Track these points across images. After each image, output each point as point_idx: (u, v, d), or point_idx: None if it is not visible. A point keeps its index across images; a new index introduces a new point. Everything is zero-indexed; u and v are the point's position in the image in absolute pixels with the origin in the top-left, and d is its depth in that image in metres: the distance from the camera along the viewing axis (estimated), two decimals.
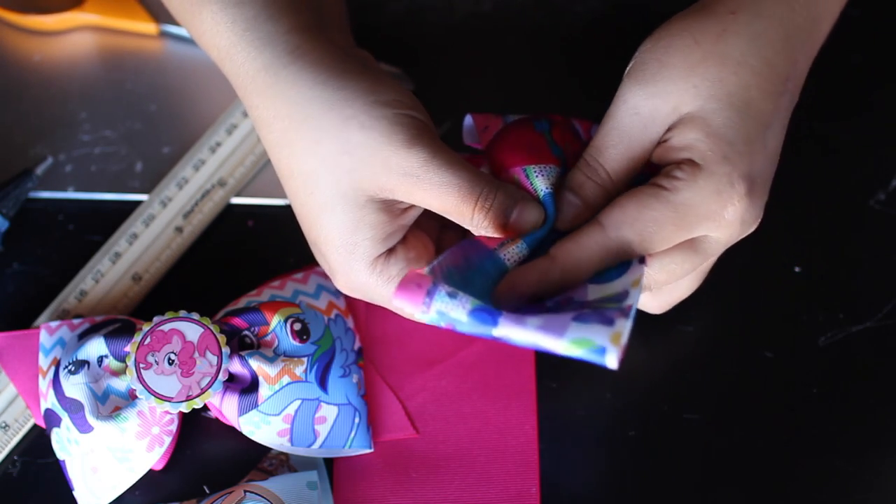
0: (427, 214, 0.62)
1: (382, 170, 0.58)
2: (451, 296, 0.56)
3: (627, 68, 0.61)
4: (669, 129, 0.60)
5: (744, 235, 0.60)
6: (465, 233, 0.63)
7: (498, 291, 0.58)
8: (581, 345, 0.54)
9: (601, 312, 0.55)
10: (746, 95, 0.59)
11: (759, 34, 0.60)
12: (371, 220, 0.59)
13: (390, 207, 0.59)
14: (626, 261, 0.59)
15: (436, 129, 0.60)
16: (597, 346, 0.54)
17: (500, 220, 0.59)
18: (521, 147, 0.63)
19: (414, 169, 0.58)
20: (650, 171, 0.62)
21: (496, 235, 0.59)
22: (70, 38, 0.78)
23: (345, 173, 0.58)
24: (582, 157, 0.61)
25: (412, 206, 0.60)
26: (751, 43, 0.59)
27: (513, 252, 0.59)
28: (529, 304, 0.58)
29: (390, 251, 0.60)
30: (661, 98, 0.59)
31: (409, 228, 0.61)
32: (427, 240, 0.62)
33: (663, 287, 0.62)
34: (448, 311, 0.56)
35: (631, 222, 0.58)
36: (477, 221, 0.59)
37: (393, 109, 0.59)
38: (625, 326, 0.54)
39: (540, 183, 0.61)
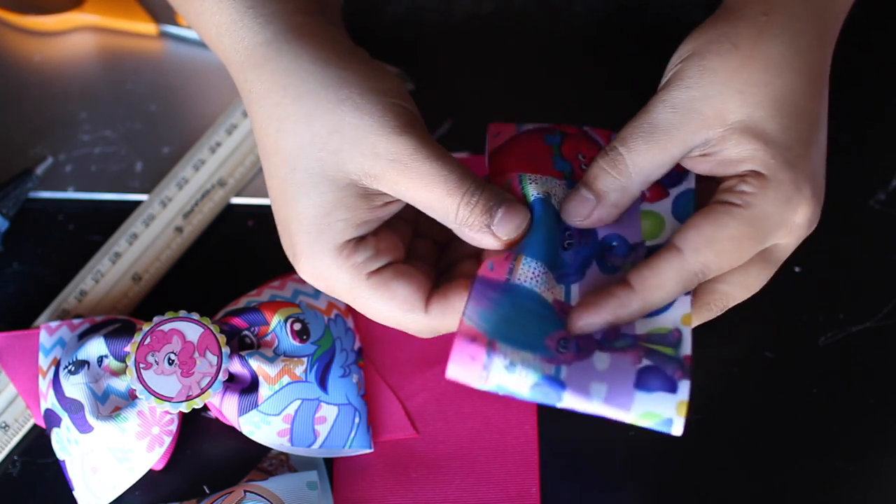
0: (401, 218, 0.61)
1: (370, 154, 0.58)
2: (510, 368, 0.55)
3: (665, 78, 0.60)
4: (719, 143, 0.59)
5: (807, 235, 0.60)
6: (438, 243, 0.62)
7: (574, 315, 0.58)
8: (648, 418, 0.55)
9: (661, 370, 0.55)
10: (793, 98, 0.58)
11: (796, 34, 0.59)
12: (349, 203, 0.58)
13: (370, 196, 0.59)
14: None
15: (426, 127, 0.60)
16: (664, 418, 0.55)
17: (485, 220, 0.58)
18: (523, 155, 0.62)
19: (403, 156, 0.57)
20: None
21: (480, 236, 0.58)
22: (70, 38, 0.78)
23: (332, 152, 0.58)
24: (601, 149, 0.60)
25: (392, 202, 0.59)
26: (789, 44, 0.59)
27: (525, 272, 0.58)
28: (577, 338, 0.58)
29: (360, 239, 0.59)
30: (703, 101, 0.58)
31: (382, 225, 0.60)
32: (398, 240, 0.61)
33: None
34: (508, 385, 0.55)
35: (708, 243, 0.57)
36: (462, 217, 0.58)
37: (388, 97, 0.58)
38: (687, 389, 0.55)
39: (532, 189, 0.60)
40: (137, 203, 0.73)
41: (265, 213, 0.73)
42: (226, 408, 0.64)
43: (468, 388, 0.67)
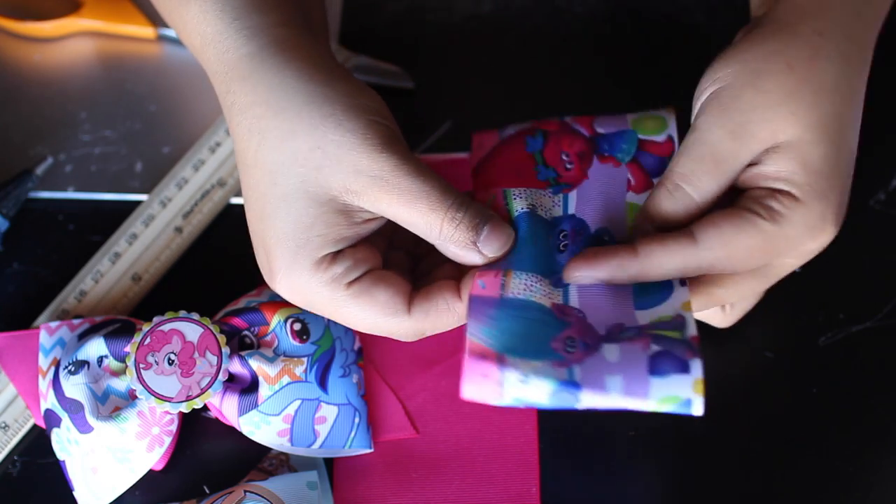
0: (377, 232, 0.61)
1: (353, 170, 0.58)
2: (524, 380, 0.55)
3: (708, 92, 0.60)
4: (761, 156, 0.59)
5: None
6: (412, 255, 0.62)
7: (571, 265, 0.58)
8: (668, 402, 0.55)
9: (671, 353, 0.55)
10: (839, 125, 0.59)
11: (846, 58, 0.60)
12: (328, 219, 0.58)
13: (350, 212, 0.59)
14: (666, 281, 0.59)
15: (407, 145, 0.60)
16: (683, 399, 0.55)
17: (471, 236, 0.58)
18: (506, 169, 0.63)
19: (384, 173, 0.58)
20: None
21: (465, 252, 0.59)
22: (69, 42, 0.78)
23: (313, 168, 0.58)
24: (662, 184, 0.60)
25: (372, 219, 0.59)
26: (841, 68, 0.59)
27: (517, 285, 0.58)
28: (585, 331, 0.58)
29: (337, 252, 0.59)
30: (759, 124, 0.58)
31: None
32: (375, 250, 0.61)
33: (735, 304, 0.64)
34: (525, 397, 0.55)
35: (724, 244, 0.58)
36: (446, 234, 0.58)
37: (370, 115, 0.59)
38: (700, 368, 0.55)
39: (516, 204, 0.61)
40: (137, 203, 0.73)
41: None
42: (226, 408, 0.64)
43: None
